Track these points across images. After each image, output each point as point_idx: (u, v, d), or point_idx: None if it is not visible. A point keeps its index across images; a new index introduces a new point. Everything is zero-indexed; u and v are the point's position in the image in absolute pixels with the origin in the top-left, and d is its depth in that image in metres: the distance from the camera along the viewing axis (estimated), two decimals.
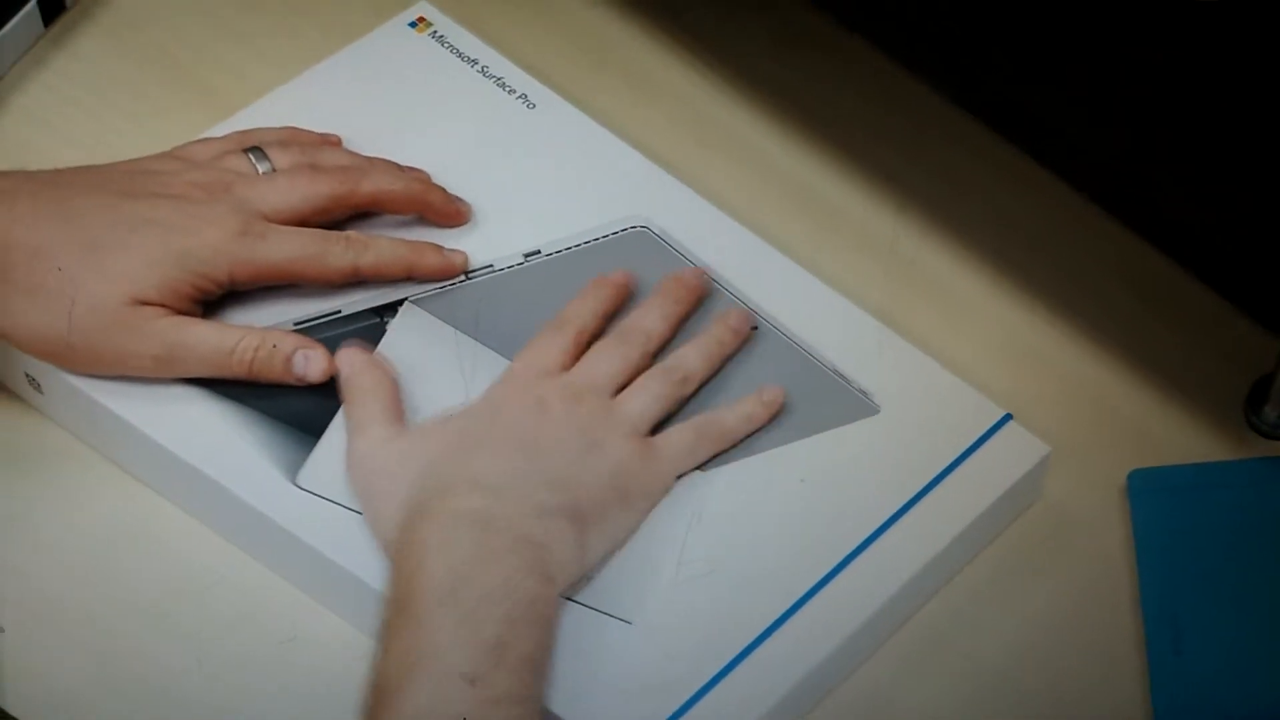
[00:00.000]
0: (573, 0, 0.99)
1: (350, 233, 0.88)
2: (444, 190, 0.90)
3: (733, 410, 0.86)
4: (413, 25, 0.95)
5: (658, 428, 0.85)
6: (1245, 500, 0.87)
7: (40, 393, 0.88)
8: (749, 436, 0.86)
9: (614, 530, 0.83)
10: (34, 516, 0.86)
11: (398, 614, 0.77)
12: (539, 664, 0.77)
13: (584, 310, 0.86)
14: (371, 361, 0.85)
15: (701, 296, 0.88)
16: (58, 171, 0.87)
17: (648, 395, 0.85)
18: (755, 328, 0.89)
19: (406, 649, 0.76)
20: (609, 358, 0.85)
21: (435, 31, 0.95)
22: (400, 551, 0.79)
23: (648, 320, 0.86)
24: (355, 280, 0.88)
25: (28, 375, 0.87)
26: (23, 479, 0.87)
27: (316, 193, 0.87)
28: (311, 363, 0.85)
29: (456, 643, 0.76)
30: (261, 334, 0.86)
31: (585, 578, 0.82)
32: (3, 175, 0.86)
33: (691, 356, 0.86)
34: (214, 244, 0.85)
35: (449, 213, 0.90)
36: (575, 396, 0.83)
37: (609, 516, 0.82)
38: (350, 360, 0.85)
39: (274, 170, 0.88)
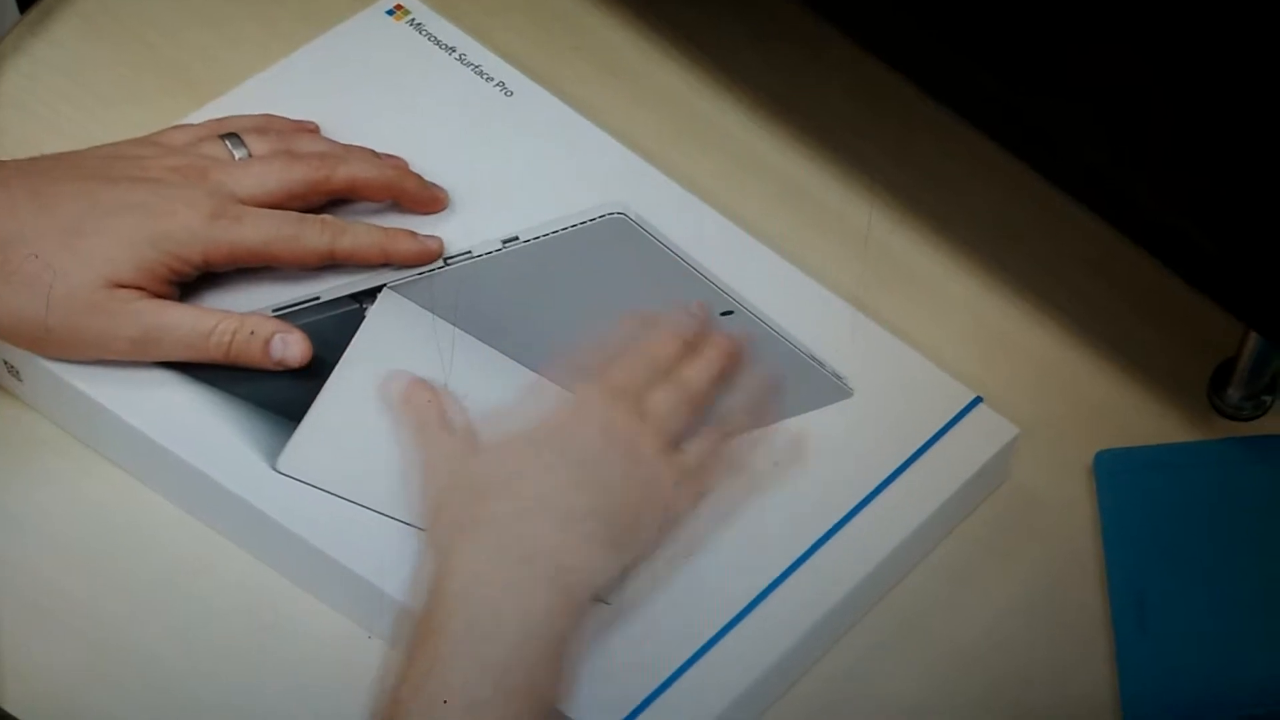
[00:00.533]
0: None
1: (326, 216, 0.87)
2: (420, 177, 0.89)
3: (757, 447, 0.84)
4: (390, 13, 0.94)
5: None
6: (1208, 480, 0.87)
7: (20, 380, 0.86)
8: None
9: (644, 542, 0.81)
10: (14, 505, 0.85)
11: (421, 619, 0.76)
12: (544, 684, 0.76)
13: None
14: (418, 380, 0.84)
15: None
16: (30, 159, 0.85)
17: (672, 408, 0.83)
18: (730, 312, 0.88)
19: (417, 658, 0.75)
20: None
21: (413, 19, 0.94)
22: (427, 557, 0.79)
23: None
24: (330, 263, 0.86)
25: (6, 363, 0.86)
26: (2, 467, 0.86)
27: (292, 178, 0.86)
28: (290, 347, 0.84)
29: (461, 659, 0.75)
30: (240, 318, 0.84)
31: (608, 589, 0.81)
32: None
33: (700, 375, 0.85)
34: (188, 225, 0.84)
35: (425, 199, 0.89)
36: (613, 399, 0.82)
37: (642, 525, 0.81)
38: (400, 382, 0.84)
39: (250, 156, 0.87)
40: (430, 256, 0.88)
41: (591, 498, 0.80)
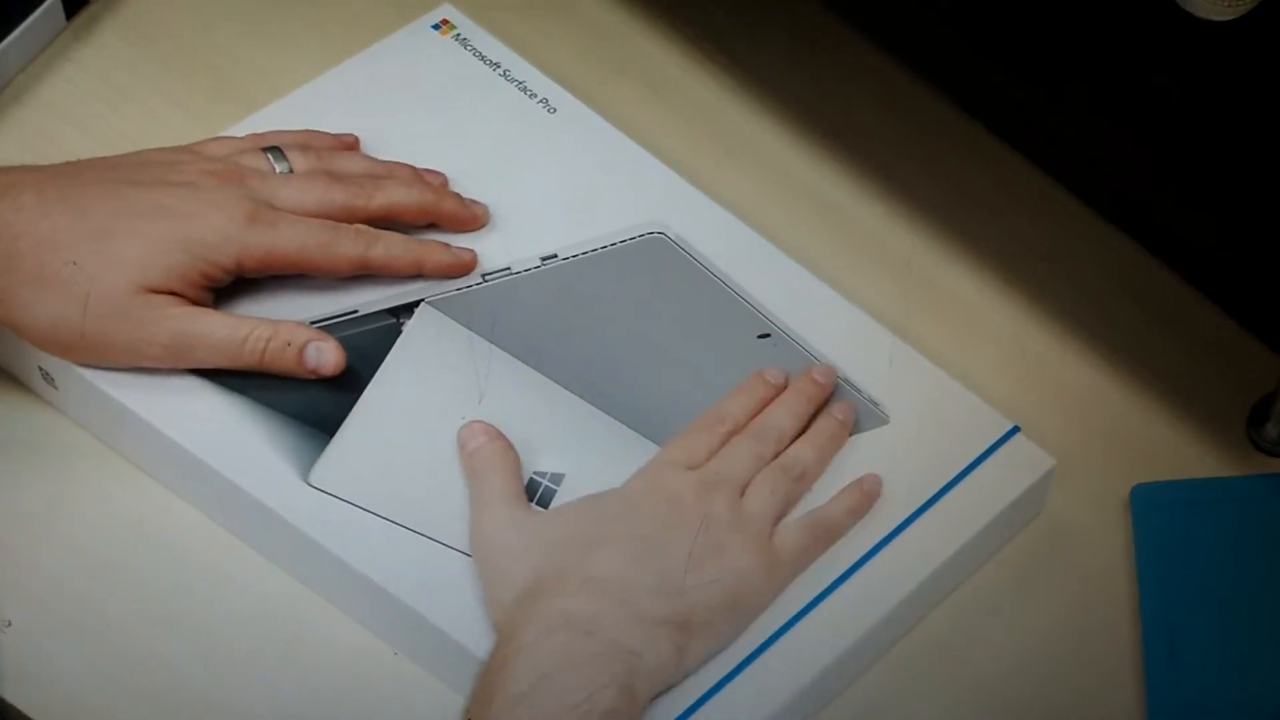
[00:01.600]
0: (595, 5, 0.96)
1: (360, 225, 0.84)
2: (459, 197, 0.86)
3: (838, 504, 0.81)
4: (436, 27, 0.92)
5: None
6: (1244, 516, 0.84)
7: (54, 387, 0.84)
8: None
9: (718, 638, 0.78)
10: (46, 511, 0.83)
11: (480, 705, 0.74)
12: None
13: (738, 409, 0.82)
14: (495, 435, 0.81)
15: (831, 393, 0.83)
16: (65, 164, 0.83)
17: (770, 494, 0.80)
18: (768, 335, 0.85)
19: None
20: (745, 456, 0.81)
21: (458, 34, 0.92)
22: (499, 640, 0.76)
23: (783, 419, 0.82)
24: (363, 272, 0.84)
25: (41, 370, 0.83)
26: (35, 474, 0.83)
27: (331, 200, 0.83)
28: (324, 355, 0.81)
29: None
30: (274, 325, 0.82)
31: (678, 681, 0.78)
32: (6, 170, 0.81)
33: (808, 454, 0.82)
34: (222, 229, 0.81)
35: (464, 219, 0.86)
36: (709, 490, 0.79)
37: (716, 625, 0.78)
38: (475, 434, 0.81)
39: (291, 172, 0.84)
40: (464, 268, 0.85)
41: (673, 600, 0.77)
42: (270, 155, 0.84)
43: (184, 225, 0.81)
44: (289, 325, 0.82)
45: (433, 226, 0.86)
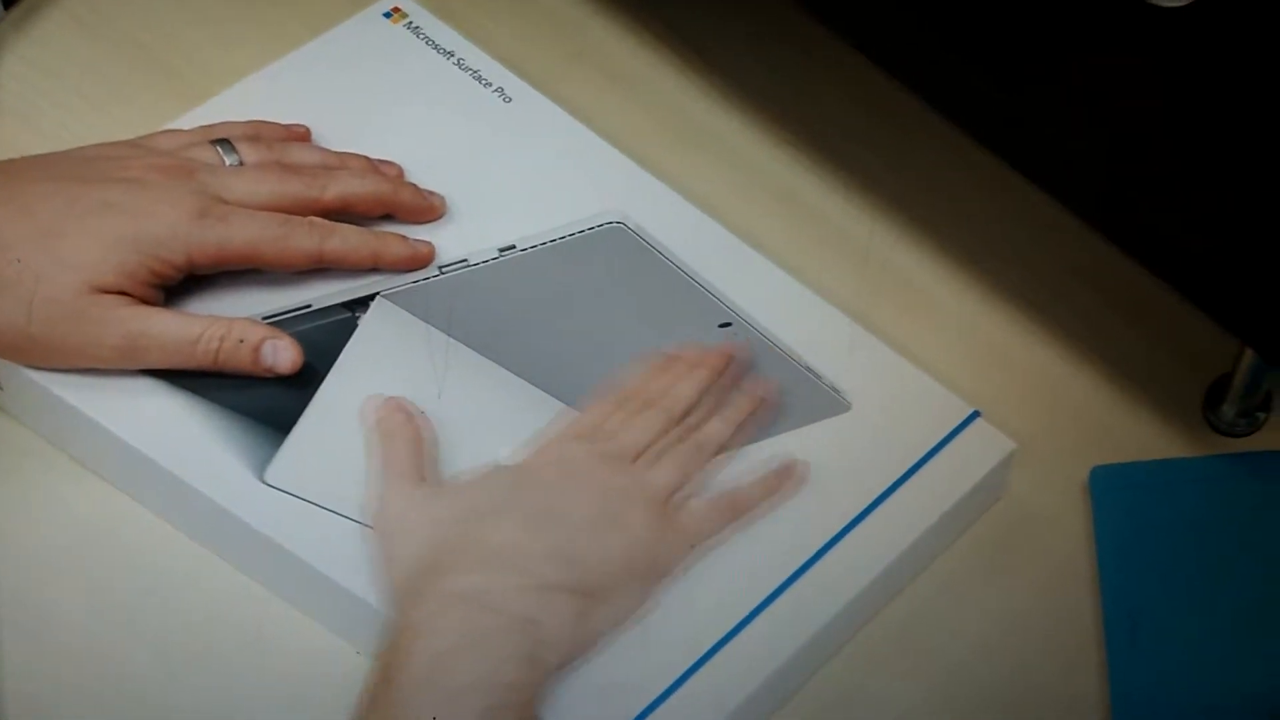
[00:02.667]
0: None
1: (314, 218, 0.82)
2: (415, 187, 0.85)
3: (750, 480, 0.80)
4: (387, 15, 0.90)
5: None
6: (1202, 496, 0.84)
7: (0, 389, 0.81)
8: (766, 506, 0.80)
9: (621, 607, 0.77)
10: None
11: (380, 686, 0.72)
12: None
13: (638, 381, 0.81)
14: (405, 411, 0.79)
15: (731, 364, 0.82)
16: (7, 161, 0.81)
17: (669, 462, 0.79)
18: (729, 324, 0.84)
19: (375, 712, 0.71)
20: (642, 426, 0.80)
21: (410, 22, 0.90)
22: (398, 619, 0.74)
23: (683, 389, 0.81)
24: (318, 266, 0.82)
25: None
26: None
27: (284, 192, 0.82)
28: (280, 353, 0.80)
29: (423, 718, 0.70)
30: (228, 323, 0.80)
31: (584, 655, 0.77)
32: None
33: (714, 424, 0.81)
34: (171, 225, 0.79)
35: (420, 209, 0.84)
36: (606, 460, 0.78)
37: (617, 592, 0.76)
38: (383, 408, 0.79)
39: (242, 164, 0.82)
40: (421, 261, 0.83)
41: (569, 566, 0.75)
42: (220, 148, 0.82)
43: (133, 223, 0.78)
44: (242, 323, 0.80)
45: (388, 218, 0.85)
